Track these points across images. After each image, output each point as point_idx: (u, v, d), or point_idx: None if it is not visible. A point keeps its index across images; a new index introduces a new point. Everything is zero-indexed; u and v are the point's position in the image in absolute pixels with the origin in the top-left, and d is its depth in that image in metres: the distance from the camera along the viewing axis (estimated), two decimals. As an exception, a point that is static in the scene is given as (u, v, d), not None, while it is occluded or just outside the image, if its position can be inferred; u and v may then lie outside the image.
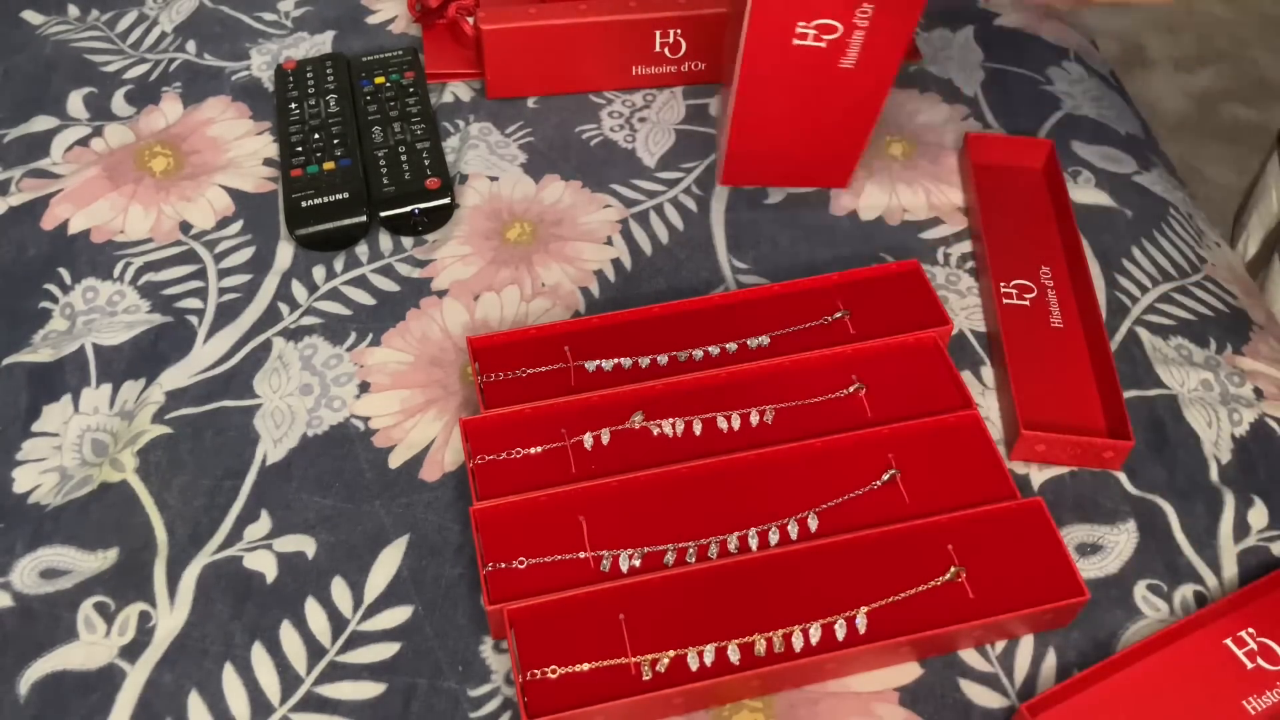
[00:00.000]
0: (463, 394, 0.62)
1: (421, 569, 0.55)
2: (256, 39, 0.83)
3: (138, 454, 0.59)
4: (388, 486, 0.58)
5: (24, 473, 0.59)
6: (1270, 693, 0.50)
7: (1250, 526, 0.57)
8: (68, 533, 0.56)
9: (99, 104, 0.77)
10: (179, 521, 0.57)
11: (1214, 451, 0.60)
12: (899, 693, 0.51)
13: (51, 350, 0.63)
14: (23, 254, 0.68)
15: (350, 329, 0.65)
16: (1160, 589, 0.55)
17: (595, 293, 0.67)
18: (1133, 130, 0.79)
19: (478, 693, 0.51)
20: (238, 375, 0.63)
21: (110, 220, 0.70)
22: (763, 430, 0.58)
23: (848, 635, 0.51)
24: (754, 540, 0.54)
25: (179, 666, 0.52)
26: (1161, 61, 2.05)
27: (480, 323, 0.65)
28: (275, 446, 0.60)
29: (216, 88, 0.78)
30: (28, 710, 0.51)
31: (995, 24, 0.86)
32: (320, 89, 0.76)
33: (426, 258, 0.68)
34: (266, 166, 0.74)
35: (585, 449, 0.58)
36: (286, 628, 0.53)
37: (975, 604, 0.52)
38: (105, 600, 0.54)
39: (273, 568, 0.55)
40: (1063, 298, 0.66)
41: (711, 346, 0.62)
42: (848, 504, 0.56)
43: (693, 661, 0.50)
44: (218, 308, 0.66)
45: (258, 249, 0.69)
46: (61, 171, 0.73)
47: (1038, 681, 0.52)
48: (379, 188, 0.70)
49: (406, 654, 0.52)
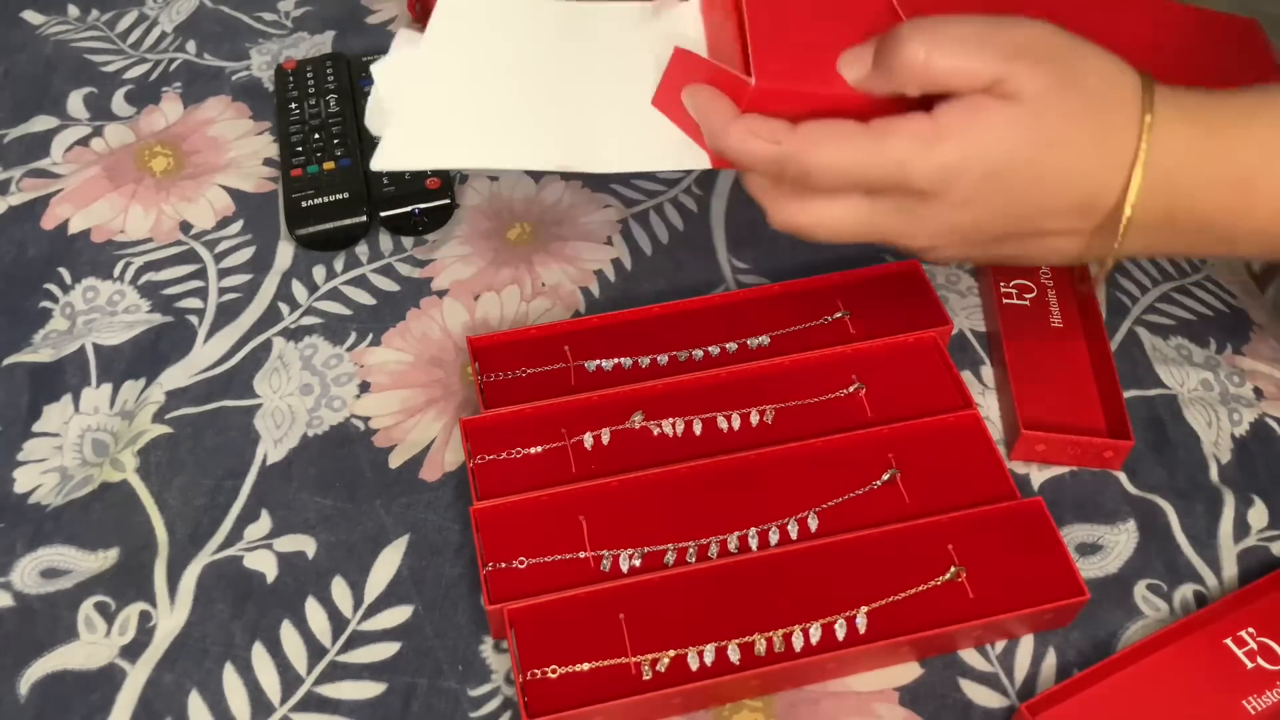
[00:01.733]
0: (463, 394, 0.62)
1: (421, 569, 0.55)
2: (256, 39, 0.83)
3: (138, 454, 0.59)
4: (388, 486, 0.58)
5: (24, 473, 0.59)
6: (1270, 693, 0.50)
7: (1250, 526, 0.57)
8: (68, 533, 0.56)
9: (99, 104, 0.77)
10: (179, 521, 0.57)
11: (1214, 451, 0.60)
12: (899, 692, 0.51)
13: (52, 350, 0.63)
14: (23, 254, 0.69)
15: (350, 329, 0.65)
16: (1160, 589, 0.55)
17: (595, 293, 0.67)
18: (1133, 130, 0.79)
19: (478, 692, 0.51)
20: (238, 375, 0.63)
21: (110, 220, 0.70)
22: (763, 430, 0.58)
23: (848, 635, 0.51)
24: (754, 540, 0.54)
25: (179, 666, 0.52)
26: (1161, 61, 2.05)
27: (480, 323, 0.65)
28: (275, 446, 0.60)
29: (216, 88, 0.78)
30: (28, 710, 0.51)
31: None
32: (320, 89, 0.76)
33: (426, 258, 0.68)
34: (266, 166, 0.74)
35: (585, 449, 0.58)
36: (287, 627, 0.53)
37: (975, 604, 0.52)
38: (105, 600, 0.54)
39: (273, 567, 0.55)
40: (1063, 297, 0.66)
41: (711, 346, 0.62)
42: (848, 504, 0.56)
43: (693, 661, 0.50)
44: (218, 307, 0.66)
45: (258, 249, 0.69)
46: (61, 171, 0.73)
47: (1038, 681, 0.52)
48: (379, 187, 0.70)
49: (406, 654, 0.52)
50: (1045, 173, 0.42)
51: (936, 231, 0.45)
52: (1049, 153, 0.42)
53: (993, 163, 0.42)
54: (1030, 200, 0.43)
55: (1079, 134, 0.42)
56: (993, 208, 0.43)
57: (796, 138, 0.43)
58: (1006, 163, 0.42)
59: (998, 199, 0.43)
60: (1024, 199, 0.43)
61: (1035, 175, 0.42)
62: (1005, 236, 0.45)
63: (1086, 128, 0.42)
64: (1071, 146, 0.42)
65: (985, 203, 0.43)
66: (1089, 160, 0.42)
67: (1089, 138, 0.42)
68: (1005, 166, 0.42)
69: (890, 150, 0.42)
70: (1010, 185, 0.43)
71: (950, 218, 0.44)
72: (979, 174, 0.42)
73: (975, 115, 0.42)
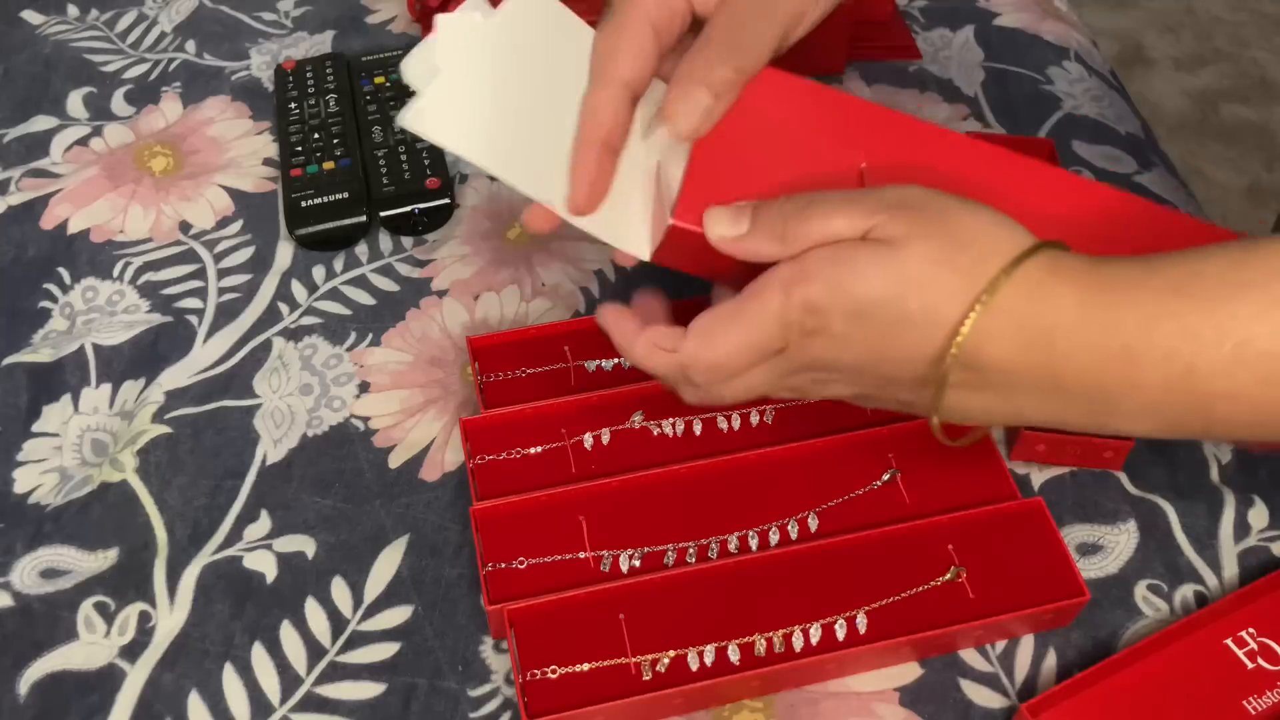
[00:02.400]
0: (462, 394, 0.62)
1: (421, 569, 0.55)
2: (256, 39, 0.83)
3: (138, 454, 0.59)
4: (388, 486, 0.58)
5: (24, 473, 0.59)
6: (1270, 693, 0.50)
7: (1250, 526, 0.57)
8: (68, 533, 0.56)
9: (99, 104, 0.77)
10: (179, 521, 0.57)
11: (1214, 451, 0.60)
12: (899, 693, 0.51)
13: (51, 350, 0.63)
14: (22, 254, 0.68)
15: (350, 329, 0.65)
16: (1160, 589, 0.55)
17: (595, 293, 0.67)
18: (1133, 130, 0.79)
19: (478, 693, 0.51)
20: (237, 375, 0.63)
21: (110, 220, 0.70)
22: (763, 430, 0.58)
23: (848, 635, 0.51)
24: (754, 540, 0.54)
25: (179, 666, 0.52)
26: (1162, 61, 2.05)
27: (480, 322, 0.65)
28: (275, 446, 0.60)
29: (216, 87, 0.78)
30: (27, 710, 0.51)
31: (995, 24, 0.86)
32: (320, 89, 0.76)
33: (426, 258, 0.68)
34: (266, 166, 0.74)
35: (585, 449, 0.58)
36: (286, 628, 0.53)
37: (975, 604, 0.52)
38: (105, 600, 0.54)
39: (272, 568, 0.55)
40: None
41: (711, 346, 0.62)
42: (848, 504, 0.56)
43: (693, 661, 0.50)
44: (217, 307, 0.66)
45: (257, 249, 0.69)
46: (61, 171, 0.73)
47: (1038, 681, 0.52)
48: (379, 187, 0.70)
49: (406, 654, 0.52)
50: (909, 313, 0.41)
51: (830, 369, 0.45)
52: (912, 292, 0.41)
53: (856, 301, 0.41)
54: (903, 342, 0.42)
55: (943, 277, 0.41)
56: (869, 346, 0.43)
57: (690, 341, 0.45)
58: (869, 301, 0.41)
59: (872, 337, 0.42)
60: (895, 341, 0.42)
61: (899, 315, 0.41)
62: (891, 380, 0.44)
63: (952, 271, 0.41)
64: (934, 288, 0.41)
65: (861, 341, 0.42)
66: (952, 305, 0.41)
67: (954, 281, 0.41)
68: (868, 305, 0.41)
69: (768, 306, 0.43)
70: (879, 324, 0.42)
71: (835, 355, 0.44)
72: (846, 310, 0.42)
73: (839, 254, 0.42)
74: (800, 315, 0.43)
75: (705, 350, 0.45)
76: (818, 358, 0.44)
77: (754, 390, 0.46)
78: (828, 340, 0.43)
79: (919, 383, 0.43)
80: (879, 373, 0.44)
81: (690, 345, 0.45)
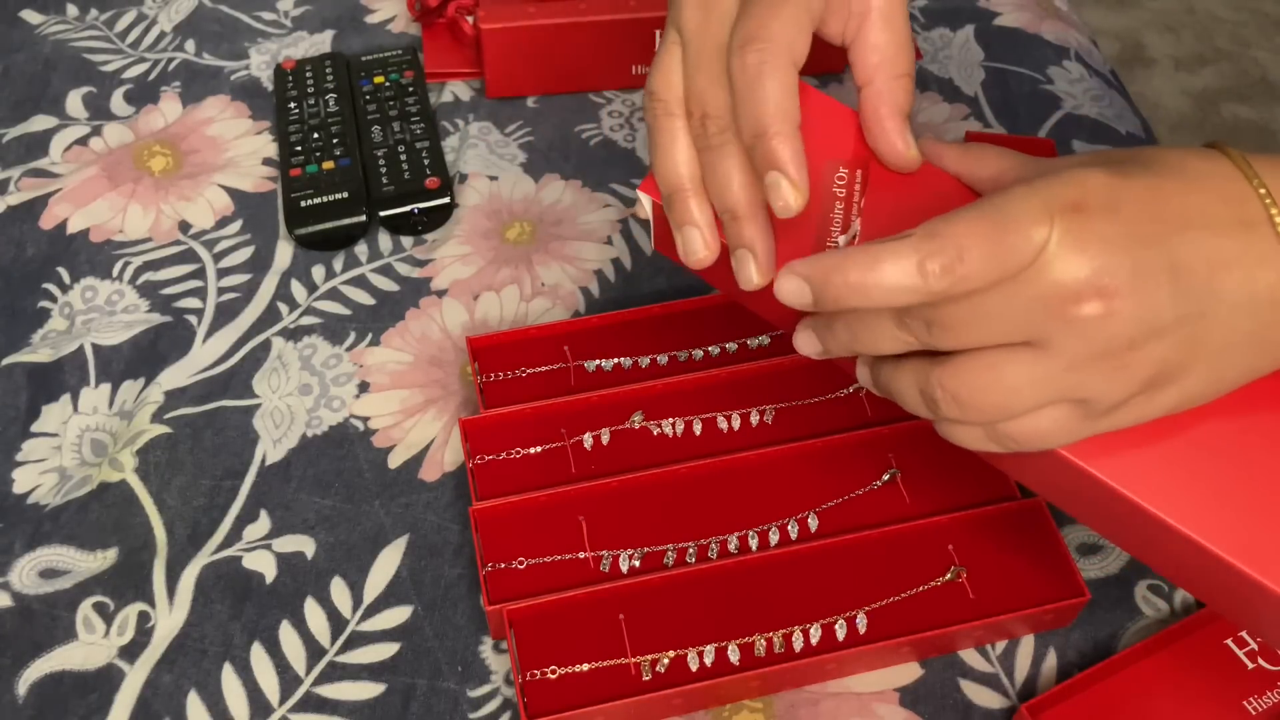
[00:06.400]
0: (462, 394, 0.62)
1: (421, 569, 0.55)
2: (255, 38, 0.82)
3: (137, 454, 0.59)
4: (387, 486, 0.58)
5: (23, 473, 0.59)
6: (1270, 693, 0.50)
7: (1251, 526, 0.57)
8: (67, 533, 0.56)
9: (98, 103, 0.77)
10: (178, 521, 0.57)
11: (1214, 451, 0.60)
12: (899, 693, 0.51)
13: (51, 350, 0.63)
14: (22, 253, 0.68)
15: (350, 329, 0.65)
16: (1161, 589, 0.55)
17: (595, 293, 0.67)
18: (1133, 130, 0.79)
19: (477, 693, 0.51)
20: (237, 375, 0.63)
21: (109, 220, 0.70)
22: (763, 430, 0.58)
23: (848, 635, 0.51)
24: (754, 540, 0.54)
25: (178, 666, 0.52)
26: (1161, 61, 2.05)
27: (480, 322, 0.65)
28: (275, 446, 0.60)
29: (215, 87, 0.78)
30: (26, 710, 0.51)
31: (995, 23, 0.85)
32: (319, 88, 0.76)
33: (426, 257, 0.68)
34: (266, 166, 0.74)
35: (585, 449, 0.58)
36: (286, 628, 0.53)
37: (975, 604, 0.52)
38: (104, 600, 0.54)
39: (272, 568, 0.55)
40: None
41: (711, 346, 0.61)
42: (848, 504, 0.56)
43: (693, 662, 0.50)
44: (217, 307, 0.66)
45: (257, 249, 0.69)
46: (60, 171, 0.73)
47: (1038, 682, 0.52)
48: (378, 187, 0.70)
49: (406, 654, 0.52)
50: (1189, 167, 0.38)
51: (1138, 323, 0.37)
52: (1180, 171, 0.38)
53: (1129, 176, 0.37)
54: (1202, 188, 0.38)
55: (1196, 164, 0.38)
56: (1167, 215, 0.37)
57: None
58: (1145, 176, 0.37)
59: (1169, 199, 0.38)
60: (1194, 193, 0.38)
61: (1181, 167, 0.38)
62: (1211, 261, 0.37)
63: (1199, 173, 0.38)
64: (1200, 174, 0.38)
65: (1154, 215, 0.37)
66: (1227, 166, 0.38)
67: (1210, 168, 0.38)
68: (1148, 176, 0.37)
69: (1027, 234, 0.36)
70: (1168, 183, 0.38)
71: (1132, 261, 0.36)
72: (1123, 189, 0.37)
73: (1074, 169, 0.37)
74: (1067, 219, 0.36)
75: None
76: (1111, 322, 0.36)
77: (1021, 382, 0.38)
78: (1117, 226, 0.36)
79: (1240, 225, 0.38)
80: (1190, 253, 0.37)
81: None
